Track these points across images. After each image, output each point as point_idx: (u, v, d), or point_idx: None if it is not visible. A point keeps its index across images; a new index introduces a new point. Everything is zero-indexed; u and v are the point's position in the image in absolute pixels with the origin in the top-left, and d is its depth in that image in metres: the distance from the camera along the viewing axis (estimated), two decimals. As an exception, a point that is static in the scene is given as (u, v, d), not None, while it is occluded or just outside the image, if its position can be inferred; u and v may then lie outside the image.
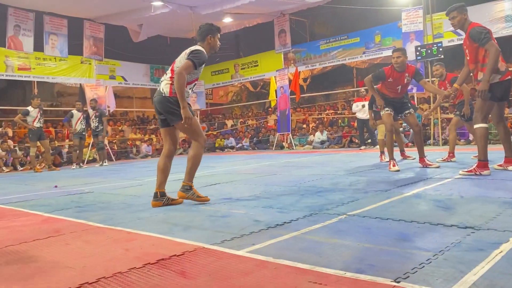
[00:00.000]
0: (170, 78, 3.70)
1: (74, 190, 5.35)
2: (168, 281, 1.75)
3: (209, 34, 3.81)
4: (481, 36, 4.38)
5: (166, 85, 3.71)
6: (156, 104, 3.76)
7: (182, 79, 3.55)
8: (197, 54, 3.68)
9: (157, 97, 3.76)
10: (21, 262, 2.17)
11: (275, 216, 2.91)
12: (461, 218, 2.53)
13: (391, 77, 5.55)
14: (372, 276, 1.64)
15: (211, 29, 3.83)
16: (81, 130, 11.17)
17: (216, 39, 3.89)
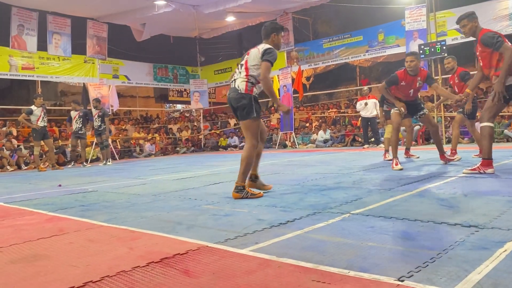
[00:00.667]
0: (245, 76, 3.90)
1: (78, 189, 5.37)
2: (172, 279, 1.76)
3: (273, 32, 4.06)
4: (494, 41, 4.38)
5: (241, 82, 3.92)
6: (232, 101, 3.97)
7: (269, 81, 3.88)
8: (271, 53, 3.89)
9: (232, 93, 3.97)
10: (25, 261, 2.18)
11: (279, 215, 2.91)
12: (465, 216, 2.52)
13: (404, 81, 5.60)
14: (376, 275, 1.64)
15: (275, 27, 4.08)
16: (77, 129, 11.15)
17: (279, 37, 4.14)
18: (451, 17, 11.90)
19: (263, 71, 3.82)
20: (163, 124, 18.48)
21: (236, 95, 3.90)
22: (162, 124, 18.42)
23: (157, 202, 3.88)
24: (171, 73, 17.76)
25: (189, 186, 4.90)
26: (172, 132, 17.82)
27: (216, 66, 18.56)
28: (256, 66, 3.88)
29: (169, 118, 20.70)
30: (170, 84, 18.16)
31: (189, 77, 18.26)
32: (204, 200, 3.79)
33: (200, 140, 17.99)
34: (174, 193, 4.37)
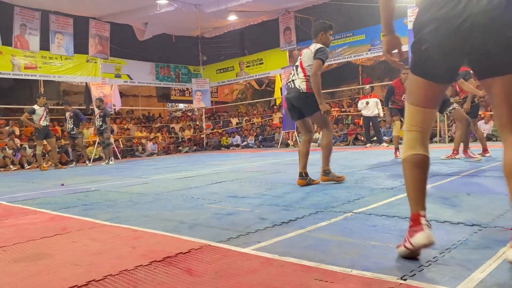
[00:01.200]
0: (304, 76, 4.25)
1: (80, 188, 5.38)
2: (175, 278, 1.76)
3: (321, 31, 4.33)
4: None
5: (302, 82, 4.24)
6: (293, 100, 4.31)
7: (318, 79, 4.14)
8: (323, 52, 4.20)
9: (293, 93, 4.29)
10: (28, 260, 2.18)
11: (281, 213, 2.91)
12: (467, 215, 2.52)
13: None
14: (379, 274, 1.64)
15: (324, 26, 4.35)
16: (69, 129, 11.19)
17: (328, 36, 4.40)
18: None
19: (315, 69, 4.12)
20: (165, 123, 18.49)
21: (300, 94, 4.22)
22: (164, 123, 18.43)
23: (159, 201, 3.88)
24: (173, 72, 17.77)
25: (192, 185, 4.91)
26: (174, 131, 17.83)
27: (218, 65, 18.56)
28: (310, 66, 4.20)
29: (171, 117, 20.72)
30: (172, 83, 18.17)
31: (191, 76, 18.27)
32: (206, 199, 3.80)
33: (202, 139, 18.00)
34: (177, 192, 4.38)
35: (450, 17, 1.58)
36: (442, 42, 1.63)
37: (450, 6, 1.58)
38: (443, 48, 1.65)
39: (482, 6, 1.49)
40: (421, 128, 1.84)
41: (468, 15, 1.53)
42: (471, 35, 1.55)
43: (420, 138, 1.83)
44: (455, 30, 1.57)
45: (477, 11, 1.50)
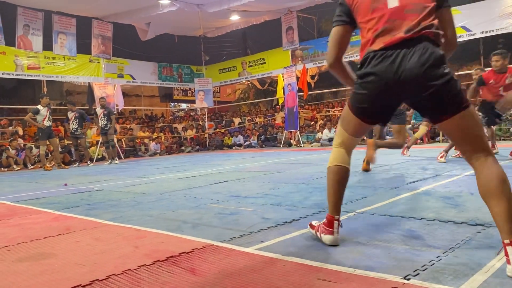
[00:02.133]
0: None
1: (84, 188, 5.39)
2: (178, 278, 1.76)
3: None
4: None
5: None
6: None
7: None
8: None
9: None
10: (32, 259, 2.19)
11: (284, 213, 2.91)
12: (471, 215, 2.51)
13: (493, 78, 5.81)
14: (382, 273, 1.64)
15: None
16: (73, 130, 11.20)
17: None
18: (457, 15, 11.82)
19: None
20: (168, 123, 18.52)
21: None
22: (167, 123, 18.46)
23: (162, 201, 3.89)
24: (175, 72, 17.79)
25: (194, 185, 4.91)
26: (177, 131, 17.86)
27: (220, 65, 18.58)
28: None
29: (174, 117, 20.74)
30: (175, 83, 18.19)
31: (194, 76, 18.29)
32: (209, 198, 3.80)
33: (205, 139, 18.02)
34: (180, 192, 4.38)
35: (387, 71, 1.83)
36: (378, 91, 1.89)
37: (388, 62, 1.83)
38: (379, 96, 1.91)
39: (413, 63, 1.77)
40: (348, 148, 2.20)
41: (402, 69, 1.79)
42: (406, 85, 1.81)
43: (345, 154, 2.19)
44: (392, 82, 1.83)
45: (410, 67, 1.77)
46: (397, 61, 1.81)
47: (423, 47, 1.79)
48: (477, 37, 11.94)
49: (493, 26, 11.27)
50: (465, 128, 1.80)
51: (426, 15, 1.83)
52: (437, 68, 1.76)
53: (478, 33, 11.65)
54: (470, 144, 1.82)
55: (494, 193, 1.83)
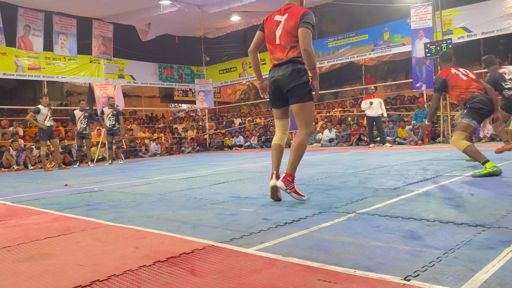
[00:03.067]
0: None
1: (84, 189, 5.40)
2: (178, 278, 1.76)
3: None
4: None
5: None
6: None
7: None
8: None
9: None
10: (32, 260, 2.19)
11: (284, 214, 2.92)
12: (471, 216, 2.51)
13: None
14: (382, 274, 1.64)
15: None
16: (82, 129, 11.25)
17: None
18: (457, 16, 11.85)
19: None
20: (169, 124, 18.53)
21: None
22: (168, 124, 18.47)
23: (162, 201, 3.89)
24: (176, 73, 17.80)
25: (195, 186, 4.91)
26: (177, 131, 17.86)
27: (221, 65, 18.59)
28: None
29: (174, 118, 20.75)
30: (175, 83, 18.21)
31: (194, 77, 18.30)
32: (209, 199, 3.80)
33: (205, 139, 18.02)
34: (180, 193, 4.38)
35: (271, 79, 3.45)
36: (271, 90, 3.51)
37: (271, 74, 3.44)
38: (272, 93, 3.52)
39: (279, 74, 3.35)
40: (281, 130, 3.65)
41: (275, 78, 3.40)
42: (277, 86, 3.40)
43: (280, 135, 3.63)
44: (272, 84, 3.45)
45: (277, 77, 3.37)
46: (277, 71, 3.39)
47: (286, 66, 3.34)
48: (478, 38, 11.95)
49: (493, 27, 11.28)
50: (298, 113, 3.40)
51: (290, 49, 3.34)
52: (294, 76, 3.31)
53: (478, 34, 11.66)
54: (297, 122, 3.44)
55: (292, 150, 3.49)
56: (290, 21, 3.30)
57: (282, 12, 3.39)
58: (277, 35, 3.36)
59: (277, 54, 3.37)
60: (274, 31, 3.38)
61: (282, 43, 3.33)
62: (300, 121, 3.38)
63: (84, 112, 11.32)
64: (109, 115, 11.56)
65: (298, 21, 3.25)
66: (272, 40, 3.40)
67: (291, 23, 3.29)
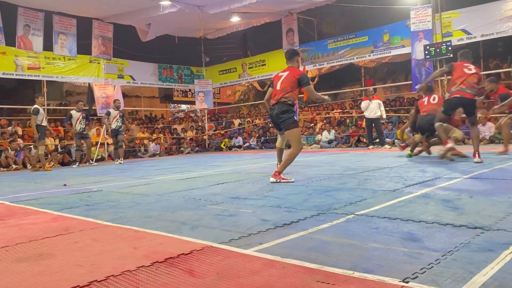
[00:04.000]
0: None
1: (83, 189, 5.39)
2: (176, 279, 1.76)
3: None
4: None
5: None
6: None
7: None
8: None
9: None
10: (31, 260, 2.19)
11: (283, 215, 2.91)
12: (470, 218, 2.51)
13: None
14: (380, 276, 1.64)
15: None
16: (81, 129, 11.32)
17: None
18: (457, 18, 11.86)
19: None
20: (168, 124, 18.53)
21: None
22: (167, 124, 18.46)
23: (161, 202, 3.89)
24: (176, 73, 17.80)
25: (194, 186, 4.91)
26: (177, 132, 17.86)
27: (220, 66, 18.59)
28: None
29: (173, 118, 20.74)
30: (175, 84, 18.21)
31: (194, 77, 18.30)
32: (208, 200, 3.80)
33: (205, 140, 18.02)
34: (179, 193, 4.38)
35: (270, 113, 5.05)
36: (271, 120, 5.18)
37: (271, 111, 5.02)
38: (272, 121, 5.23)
39: (274, 111, 4.92)
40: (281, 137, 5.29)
41: (272, 114, 4.99)
42: (273, 119, 5.05)
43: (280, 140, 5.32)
44: (271, 117, 5.09)
45: (272, 113, 4.97)
46: (273, 110, 4.92)
47: (277, 107, 4.87)
48: (477, 40, 11.95)
49: (493, 29, 11.29)
50: (288, 136, 4.89)
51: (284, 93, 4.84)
52: (282, 114, 4.82)
53: (478, 36, 11.67)
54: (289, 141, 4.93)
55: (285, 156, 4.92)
56: (289, 76, 4.91)
57: (285, 70, 5.04)
58: (278, 84, 4.96)
59: (276, 97, 4.94)
60: (277, 82, 4.98)
61: (280, 88, 4.91)
62: (291, 141, 4.89)
63: (81, 113, 11.38)
64: (116, 117, 11.73)
65: (296, 77, 4.86)
66: (275, 87, 5.00)
67: (289, 77, 4.90)
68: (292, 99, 4.85)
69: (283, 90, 4.88)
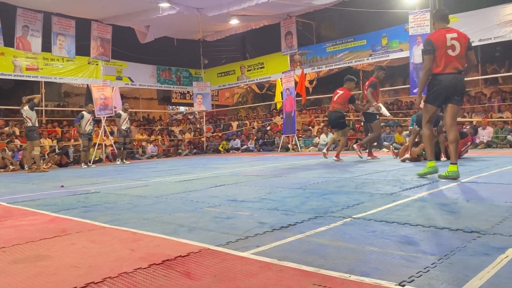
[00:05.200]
0: None
1: (80, 190, 5.38)
2: (173, 281, 1.76)
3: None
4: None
5: None
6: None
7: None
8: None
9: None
10: (27, 261, 2.18)
11: (280, 218, 2.92)
12: (466, 222, 2.52)
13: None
14: (377, 280, 1.64)
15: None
16: (90, 131, 11.64)
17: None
18: (455, 22, 11.89)
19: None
20: (166, 126, 18.52)
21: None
22: (165, 126, 18.45)
23: (159, 204, 3.89)
24: (174, 75, 17.81)
25: (191, 188, 4.91)
26: (175, 134, 17.85)
27: (219, 68, 18.61)
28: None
29: (172, 120, 20.74)
30: (173, 86, 18.21)
31: (192, 80, 18.31)
32: (206, 202, 3.80)
33: (202, 142, 18.01)
34: (176, 195, 4.38)
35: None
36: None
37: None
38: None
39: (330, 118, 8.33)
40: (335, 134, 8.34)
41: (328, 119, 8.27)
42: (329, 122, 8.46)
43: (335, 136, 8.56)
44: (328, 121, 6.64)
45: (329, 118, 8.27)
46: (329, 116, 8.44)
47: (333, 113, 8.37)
48: (475, 45, 11.99)
49: (491, 34, 11.34)
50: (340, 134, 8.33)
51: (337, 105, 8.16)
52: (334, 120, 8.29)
53: (476, 41, 11.71)
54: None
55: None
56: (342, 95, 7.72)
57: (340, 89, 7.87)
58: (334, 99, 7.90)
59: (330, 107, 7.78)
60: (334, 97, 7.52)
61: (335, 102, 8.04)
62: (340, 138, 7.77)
63: (91, 115, 11.77)
64: (126, 119, 12.35)
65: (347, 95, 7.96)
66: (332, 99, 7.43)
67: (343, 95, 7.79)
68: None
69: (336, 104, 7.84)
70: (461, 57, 4.67)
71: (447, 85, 4.54)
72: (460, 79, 4.61)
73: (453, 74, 4.56)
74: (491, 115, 12.43)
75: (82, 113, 11.64)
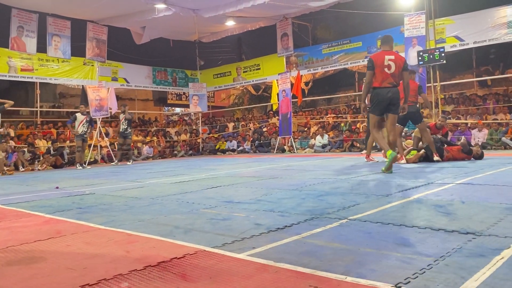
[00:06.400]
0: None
1: (75, 191, 5.36)
2: (169, 283, 1.76)
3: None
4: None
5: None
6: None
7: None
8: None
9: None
10: (22, 263, 2.17)
11: (276, 219, 2.91)
12: (462, 223, 2.53)
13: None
14: (373, 281, 1.64)
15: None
16: (83, 132, 11.66)
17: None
18: (450, 24, 11.98)
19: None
20: (162, 127, 18.47)
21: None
22: (161, 127, 18.41)
23: (154, 205, 3.87)
24: (170, 77, 17.79)
25: (187, 190, 4.90)
26: (170, 135, 17.81)
27: (215, 70, 18.60)
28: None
29: (167, 121, 20.69)
30: (169, 87, 18.19)
31: (188, 81, 18.29)
32: (202, 204, 3.79)
33: (198, 143, 17.99)
34: (172, 197, 4.37)
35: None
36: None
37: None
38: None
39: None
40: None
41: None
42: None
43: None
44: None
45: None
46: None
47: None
48: (470, 47, 12.07)
49: (485, 36, 11.41)
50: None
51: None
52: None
53: (471, 43, 11.79)
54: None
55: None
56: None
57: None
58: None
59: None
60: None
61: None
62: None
63: (86, 116, 11.78)
64: (122, 120, 12.55)
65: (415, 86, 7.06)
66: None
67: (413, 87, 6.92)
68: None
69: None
70: (395, 75, 5.76)
71: (384, 97, 5.73)
72: (395, 92, 5.75)
73: (388, 88, 5.72)
74: (486, 117, 12.49)
75: (76, 115, 11.81)
